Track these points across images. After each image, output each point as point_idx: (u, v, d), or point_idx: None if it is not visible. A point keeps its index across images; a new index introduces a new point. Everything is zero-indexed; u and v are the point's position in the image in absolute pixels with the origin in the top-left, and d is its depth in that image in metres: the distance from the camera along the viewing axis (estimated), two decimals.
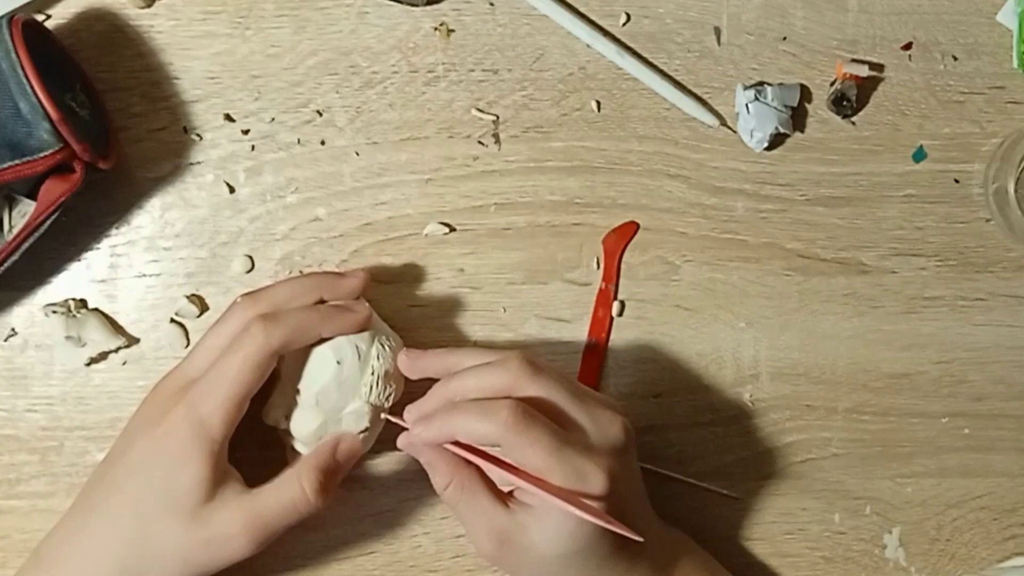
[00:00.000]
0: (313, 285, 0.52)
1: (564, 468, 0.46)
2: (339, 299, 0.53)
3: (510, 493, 0.49)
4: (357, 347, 0.51)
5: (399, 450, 0.58)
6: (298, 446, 0.53)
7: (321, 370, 0.51)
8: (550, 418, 0.47)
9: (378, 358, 0.52)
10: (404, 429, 0.50)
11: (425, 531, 0.59)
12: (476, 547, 0.49)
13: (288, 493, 0.50)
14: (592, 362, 0.58)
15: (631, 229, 0.57)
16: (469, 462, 0.49)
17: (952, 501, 0.61)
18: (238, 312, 0.51)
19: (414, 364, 0.52)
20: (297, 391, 0.52)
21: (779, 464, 0.60)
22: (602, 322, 0.58)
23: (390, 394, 0.53)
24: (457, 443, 0.49)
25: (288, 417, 0.52)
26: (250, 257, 0.58)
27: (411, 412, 0.50)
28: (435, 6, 0.59)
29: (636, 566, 0.51)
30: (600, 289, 0.58)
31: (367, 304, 0.53)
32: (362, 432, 0.52)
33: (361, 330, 0.52)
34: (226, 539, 0.49)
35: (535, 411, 0.47)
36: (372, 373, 0.52)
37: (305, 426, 0.52)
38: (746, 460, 0.60)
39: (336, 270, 0.55)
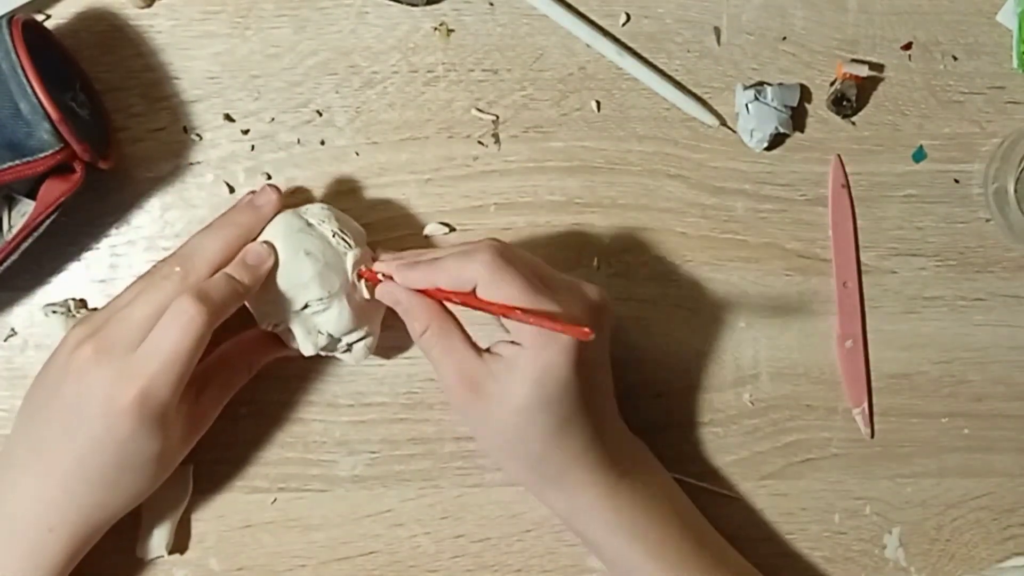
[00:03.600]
0: (237, 236, 0.52)
1: (536, 307, 0.48)
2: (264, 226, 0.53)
3: (486, 349, 0.51)
4: (304, 228, 0.52)
5: (398, 450, 0.58)
6: (349, 339, 0.54)
7: (300, 270, 0.51)
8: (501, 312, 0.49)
9: (323, 222, 0.53)
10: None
11: (425, 531, 0.59)
12: (446, 392, 0.51)
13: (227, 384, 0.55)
14: None
15: None
16: (447, 310, 0.51)
17: (952, 501, 0.61)
18: (173, 290, 0.49)
19: (389, 265, 0.53)
20: (291, 300, 0.52)
21: (779, 464, 0.60)
22: None
23: (358, 233, 0.54)
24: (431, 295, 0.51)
25: (284, 320, 0.52)
26: None
27: (388, 259, 0.53)
28: (435, 6, 0.59)
29: (596, 441, 0.52)
30: None
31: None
32: (367, 272, 0.53)
33: (279, 209, 0.53)
34: (200, 433, 0.54)
35: (513, 256, 0.49)
36: (333, 235, 0.52)
37: (345, 317, 0.52)
38: (746, 460, 0.60)
39: (244, 201, 0.54)
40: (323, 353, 0.53)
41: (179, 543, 0.57)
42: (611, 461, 0.53)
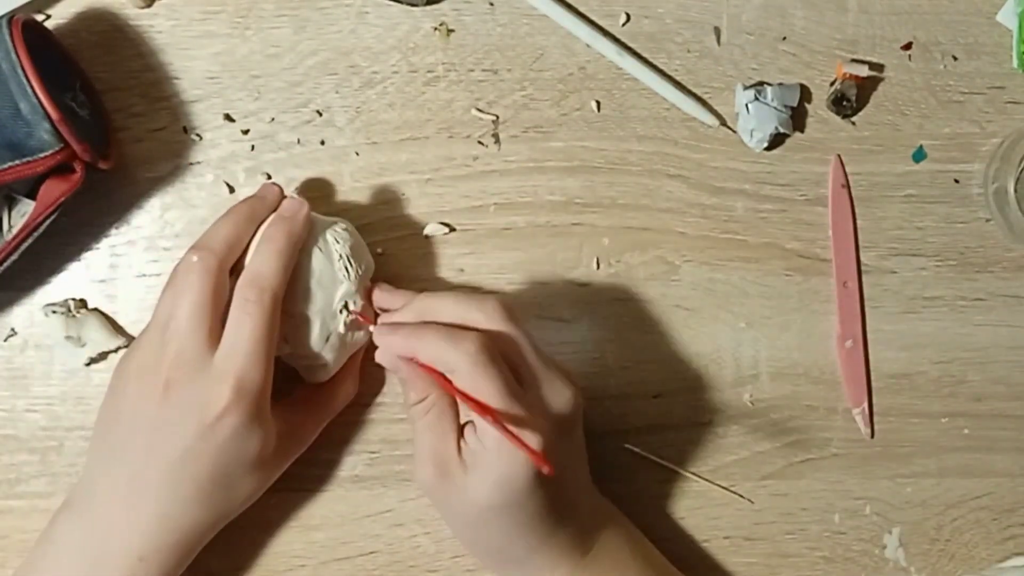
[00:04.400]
0: (250, 214, 0.52)
1: (507, 415, 0.47)
2: (271, 212, 0.53)
3: (463, 428, 0.51)
4: (317, 239, 0.53)
5: (398, 450, 0.58)
6: (306, 360, 0.54)
7: (292, 290, 0.52)
8: (508, 366, 0.49)
9: (337, 241, 0.53)
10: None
11: (425, 531, 0.58)
12: (416, 471, 0.50)
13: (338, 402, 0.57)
14: None
15: None
16: (446, 392, 0.50)
17: (952, 501, 0.61)
18: (205, 278, 0.50)
19: (388, 297, 0.54)
20: (283, 312, 0.52)
21: (779, 464, 0.60)
22: None
23: (365, 268, 0.54)
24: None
25: (288, 340, 0.53)
26: None
27: (384, 320, 0.53)
28: (435, 6, 0.59)
29: (561, 528, 0.51)
30: None
31: (294, 197, 0.54)
32: (356, 312, 0.53)
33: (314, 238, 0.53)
34: (298, 451, 0.55)
35: (498, 353, 0.48)
36: (340, 257, 0.53)
37: (310, 337, 0.53)
38: (746, 460, 0.60)
39: (251, 196, 0.55)
40: (284, 358, 0.54)
41: None
42: (575, 544, 0.52)
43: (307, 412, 0.55)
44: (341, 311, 0.53)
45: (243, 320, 0.49)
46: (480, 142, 0.59)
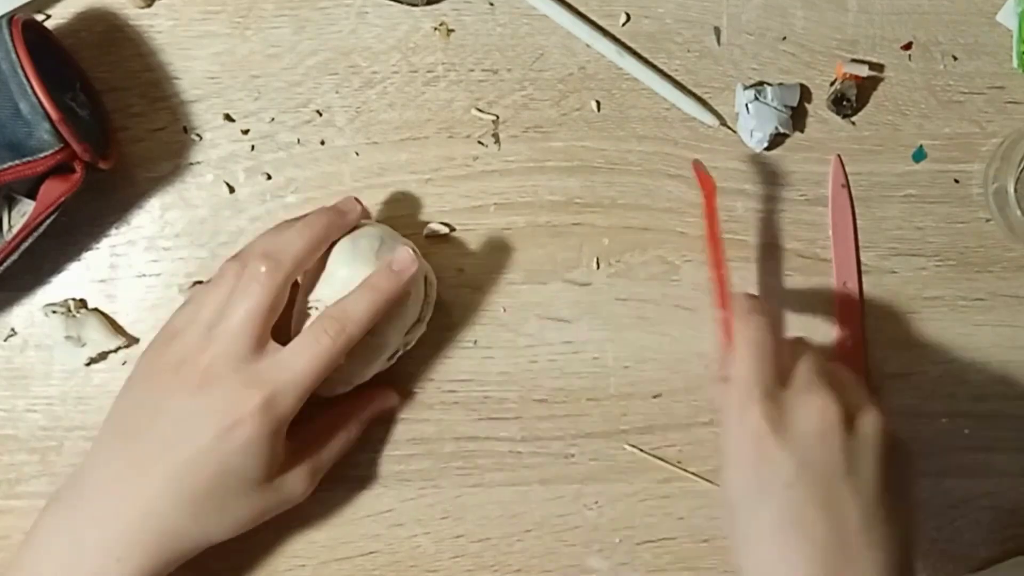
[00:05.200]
0: (325, 232, 0.52)
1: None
2: (345, 232, 0.53)
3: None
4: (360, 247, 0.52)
5: (398, 450, 0.58)
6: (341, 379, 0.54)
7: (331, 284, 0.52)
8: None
9: (427, 288, 0.54)
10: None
11: (425, 531, 0.58)
12: (725, 457, 0.50)
13: (341, 446, 0.55)
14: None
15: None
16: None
17: (952, 501, 0.61)
18: (268, 291, 0.49)
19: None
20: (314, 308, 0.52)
21: None
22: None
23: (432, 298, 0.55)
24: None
25: (344, 368, 0.53)
26: None
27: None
28: (435, 6, 0.59)
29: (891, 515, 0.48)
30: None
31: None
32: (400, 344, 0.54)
33: (363, 218, 0.54)
34: (296, 493, 0.53)
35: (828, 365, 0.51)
36: (425, 301, 0.54)
37: (368, 366, 0.53)
38: None
39: (329, 206, 0.54)
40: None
41: None
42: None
43: (320, 447, 0.54)
44: (407, 332, 0.54)
45: (311, 347, 0.49)
46: (480, 142, 0.59)
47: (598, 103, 0.59)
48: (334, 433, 0.55)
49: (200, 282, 0.57)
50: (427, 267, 0.55)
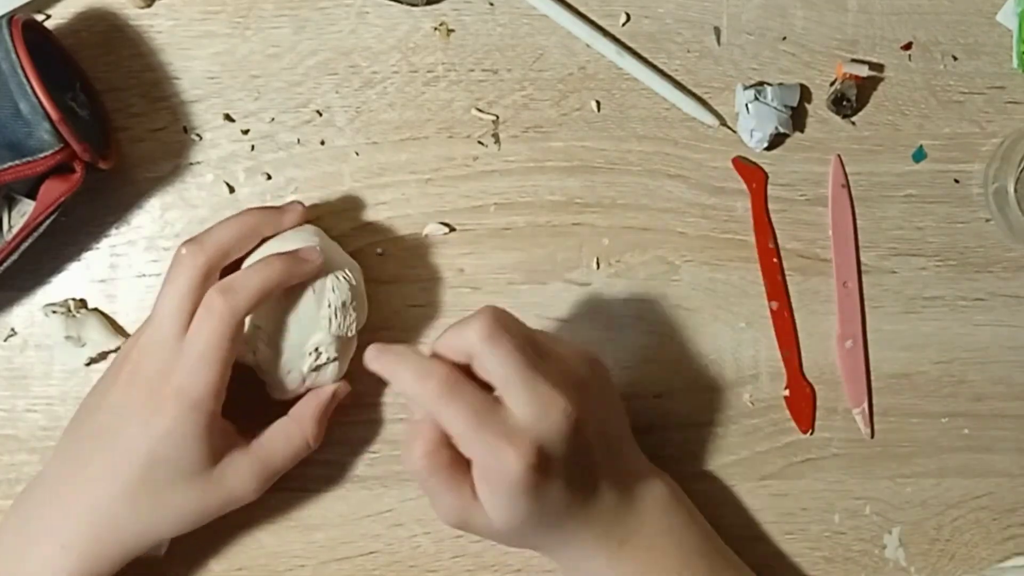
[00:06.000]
0: (256, 226, 0.53)
1: (480, 444, 0.46)
2: (279, 231, 0.54)
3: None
4: (312, 288, 0.52)
5: (398, 450, 0.58)
6: (266, 377, 0.54)
7: (275, 311, 0.52)
8: (496, 385, 0.47)
9: (333, 290, 0.52)
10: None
11: (425, 531, 0.58)
12: (440, 517, 0.49)
13: (291, 445, 0.54)
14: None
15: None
16: (446, 442, 0.48)
17: (952, 501, 0.61)
18: (189, 272, 0.50)
19: (378, 359, 0.50)
20: (257, 327, 0.52)
21: (779, 464, 0.60)
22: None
23: (351, 323, 0.53)
24: None
25: (255, 352, 0.53)
26: None
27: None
28: (435, 6, 0.59)
29: (592, 514, 0.50)
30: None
31: (318, 250, 0.52)
32: (331, 361, 0.54)
33: (316, 276, 0.52)
34: (239, 491, 0.52)
35: (464, 383, 0.47)
36: (329, 306, 0.52)
37: (270, 363, 0.53)
38: (746, 460, 0.60)
39: (272, 205, 0.55)
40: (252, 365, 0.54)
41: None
42: (611, 528, 0.51)
43: (269, 452, 0.54)
44: (310, 353, 0.53)
45: (205, 324, 0.49)
46: (480, 142, 0.59)
47: (598, 103, 0.59)
48: (284, 433, 0.54)
49: None
50: (355, 283, 0.54)
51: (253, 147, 0.58)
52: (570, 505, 0.49)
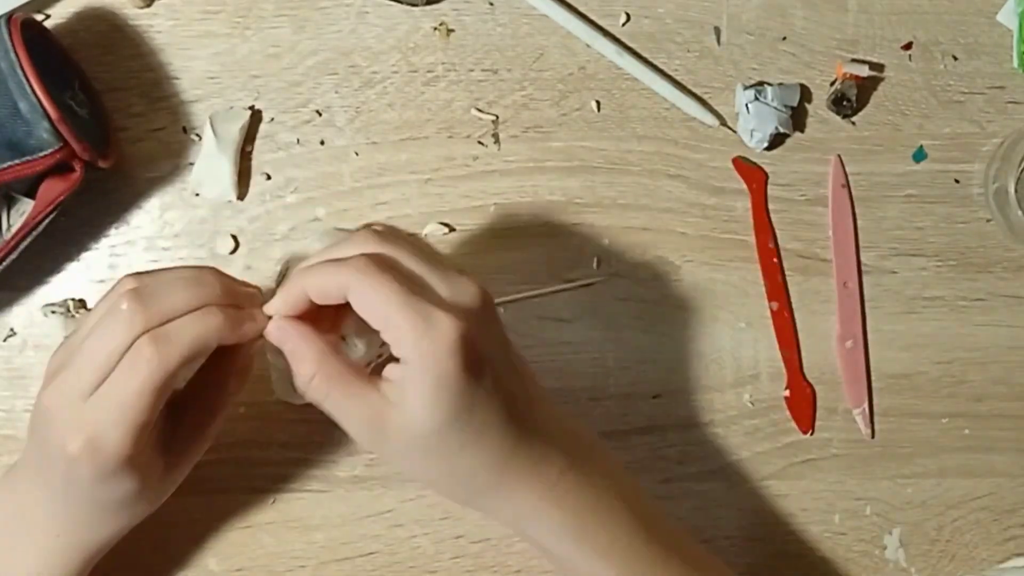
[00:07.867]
0: (208, 291, 0.46)
1: (411, 313, 0.43)
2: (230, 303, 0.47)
3: (375, 374, 0.47)
4: None
5: None
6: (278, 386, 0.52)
7: None
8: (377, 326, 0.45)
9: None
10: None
11: (425, 531, 0.58)
12: (354, 438, 0.47)
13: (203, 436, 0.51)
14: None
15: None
16: (336, 354, 0.46)
17: (952, 501, 0.61)
18: (125, 332, 0.44)
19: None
20: None
21: (779, 464, 0.60)
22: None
23: None
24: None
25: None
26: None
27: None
28: (435, 6, 0.59)
29: (524, 441, 0.48)
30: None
31: (263, 312, 0.47)
32: None
33: (259, 337, 0.47)
34: (165, 493, 0.51)
35: (385, 263, 0.45)
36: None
37: (281, 368, 0.51)
38: (746, 460, 0.60)
39: (233, 277, 0.48)
40: None
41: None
42: (546, 458, 0.49)
43: (191, 429, 0.51)
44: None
45: (125, 375, 0.44)
46: (480, 142, 0.59)
47: (598, 103, 0.59)
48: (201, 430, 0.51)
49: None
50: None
51: (253, 147, 0.58)
52: (503, 413, 0.47)
